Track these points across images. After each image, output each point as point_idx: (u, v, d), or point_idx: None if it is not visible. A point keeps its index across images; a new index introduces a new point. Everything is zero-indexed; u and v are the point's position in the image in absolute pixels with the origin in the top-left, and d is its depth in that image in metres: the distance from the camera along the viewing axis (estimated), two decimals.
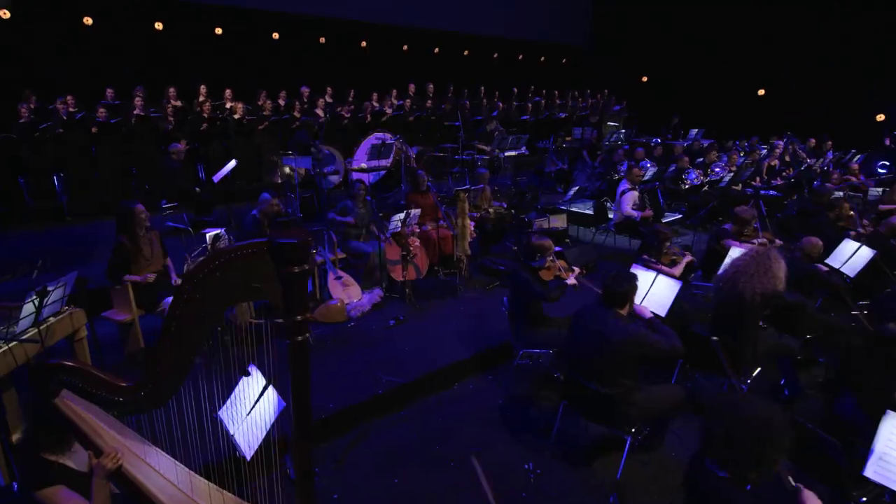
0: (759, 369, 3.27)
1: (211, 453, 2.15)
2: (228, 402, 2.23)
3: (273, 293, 1.59)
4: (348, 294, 4.70)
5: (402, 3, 12.80)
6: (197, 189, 6.84)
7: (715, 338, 2.89)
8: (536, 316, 3.51)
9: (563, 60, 18.20)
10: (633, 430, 2.63)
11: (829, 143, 11.21)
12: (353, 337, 4.21)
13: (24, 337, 2.47)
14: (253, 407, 2.16)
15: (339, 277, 4.77)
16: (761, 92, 15.59)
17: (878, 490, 2.20)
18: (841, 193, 6.85)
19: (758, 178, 9.01)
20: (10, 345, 2.46)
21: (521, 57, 16.76)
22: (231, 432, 2.14)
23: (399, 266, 4.96)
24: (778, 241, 4.44)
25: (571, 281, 3.57)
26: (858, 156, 10.93)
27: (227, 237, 4.13)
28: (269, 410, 2.11)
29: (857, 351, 2.48)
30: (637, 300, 3.31)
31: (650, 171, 7.93)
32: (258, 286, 1.58)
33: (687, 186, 7.65)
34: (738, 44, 14.92)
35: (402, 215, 4.68)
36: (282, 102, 9.21)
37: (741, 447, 1.58)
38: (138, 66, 9.13)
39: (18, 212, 6.88)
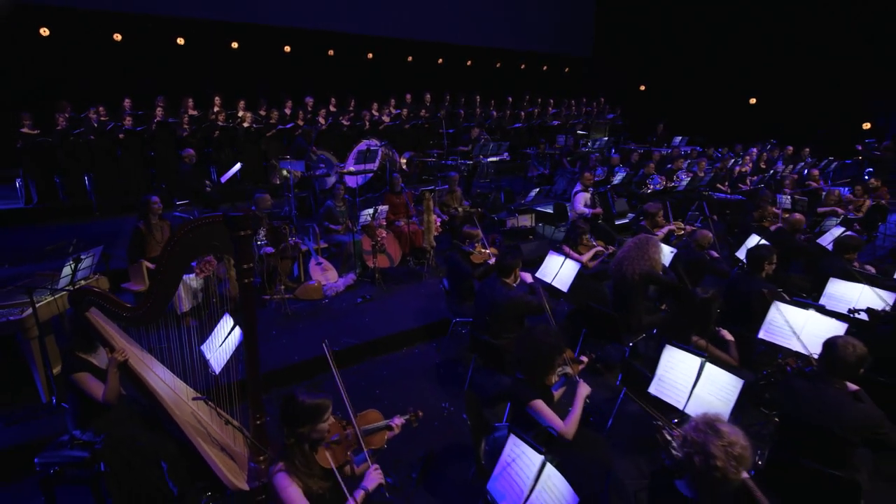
0: (643, 335, 3.99)
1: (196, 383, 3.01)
2: (208, 339, 3.09)
3: (227, 248, 2.41)
4: (326, 277, 5.54)
5: (408, 17, 13.69)
6: (208, 189, 7.77)
7: (531, 297, 3.46)
8: (467, 292, 4.29)
9: (566, 69, 18.89)
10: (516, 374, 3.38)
11: (807, 150, 11.69)
12: (326, 311, 5.04)
13: (63, 291, 3.36)
14: (224, 340, 3.01)
15: (319, 263, 5.61)
16: (753, 101, 16.09)
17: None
18: (788, 197, 7.44)
19: (727, 184, 9.64)
20: (56, 296, 3.36)
21: (522, 66, 17.53)
22: (207, 357, 2.99)
23: (375, 255, 5.79)
24: (688, 228, 5.14)
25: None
26: (834, 163, 11.43)
27: None
28: (233, 341, 2.96)
29: (679, 308, 3.20)
30: (549, 278, 4.10)
31: (619, 175, 8.64)
32: (217, 244, 2.41)
33: (650, 191, 8.31)
34: (733, 54, 15.46)
35: (371, 210, 5.51)
36: (288, 111, 10.12)
37: (529, 358, 2.35)
38: (160, 78, 10.15)
39: (54, 208, 7.89)
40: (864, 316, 3.30)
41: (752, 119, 15.51)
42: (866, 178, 11.51)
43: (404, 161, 10.08)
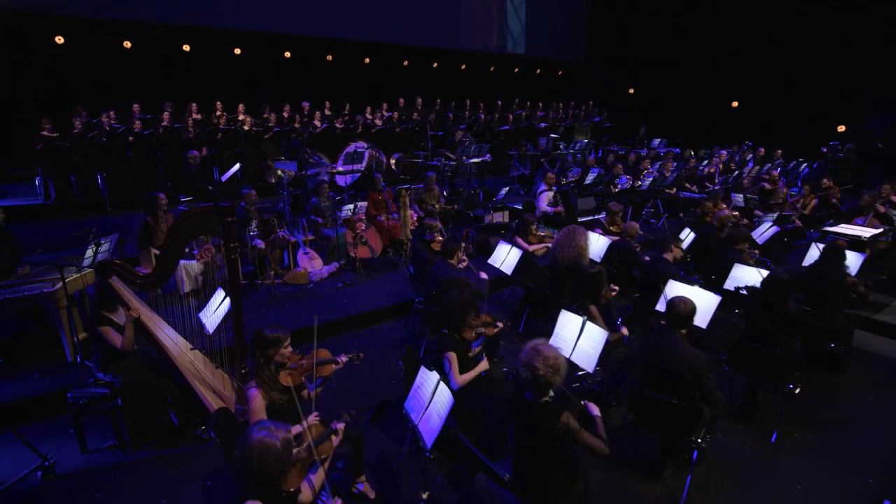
0: None
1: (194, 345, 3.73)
2: (204, 308, 3.80)
3: (218, 231, 3.12)
4: (312, 265, 6.26)
5: (405, 23, 14.37)
6: (210, 187, 8.49)
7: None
8: (427, 274, 4.98)
9: (559, 73, 19.53)
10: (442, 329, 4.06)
11: (779, 151, 12.29)
12: (310, 294, 5.76)
13: (87, 269, 4.10)
14: (217, 308, 3.72)
15: (306, 253, 6.33)
16: (735, 104, 16.67)
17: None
18: (741, 196, 8.08)
19: (694, 183, 10.29)
20: (81, 273, 4.09)
21: (516, 70, 18.19)
22: (203, 322, 3.70)
23: (356, 246, 6.50)
24: (640, 230, 5.78)
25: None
26: (803, 165, 12.03)
27: None
28: (224, 308, 3.67)
29: (577, 281, 3.88)
30: (498, 264, 4.79)
31: (592, 175, 9.31)
32: (210, 228, 3.12)
33: (617, 189, 8.98)
34: (717, 58, 16.01)
35: (351, 206, 6.22)
36: (286, 115, 10.83)
37: (447, 312, 3.04)
38: (167, 83, 10.88)
39: (70, 204, 8.65)
40: (744, 292, 3.97)
41: (733, 122, 16.09)
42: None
43: (393, 161, 10.79)
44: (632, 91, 19.16)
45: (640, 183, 9.17)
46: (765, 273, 4.22)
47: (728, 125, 15.87)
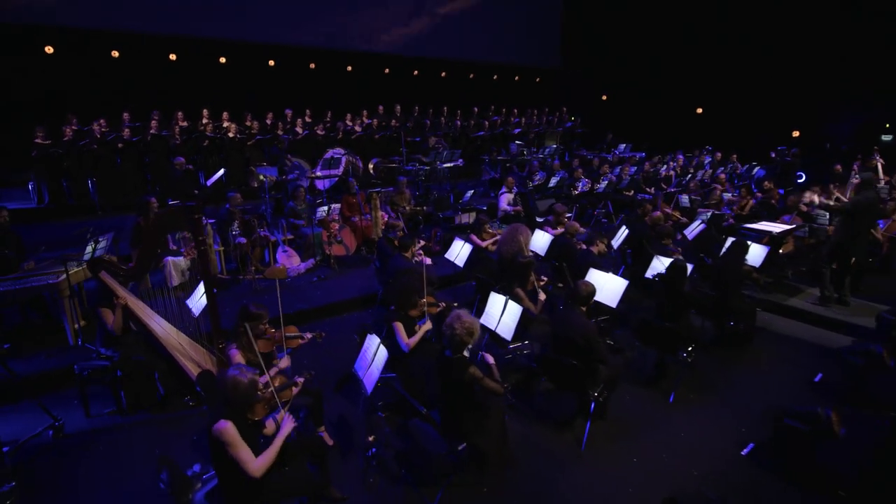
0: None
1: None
2: (190, 297, 4.41)
3: (187, 227, 3.73)
4: (290, 261, 6.87)
5: (387, 33, 15.01)
6: (196, 192, 9.03)
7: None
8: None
9: (537, 80, 20.28)
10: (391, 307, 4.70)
11: (734, 156, 13.13)
12: (287, 287, 6.38)
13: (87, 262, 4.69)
14: (201, 296, 4.32)
15: (285, 251, 6.95)
16: (699, 110, 17.58)
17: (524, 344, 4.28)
18: (686, 197, 8.86)
19: (652, 186, 11.05)
20: (82, 266, 4.68)
21: (495, 77, 18.92)
22: (189, 307, 4.31)
23: (331, 244, 7.13)
24: (581, 228, 6.49)
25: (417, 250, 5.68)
26: (756, 168, 12.88)
27: (208, 222, 6.32)
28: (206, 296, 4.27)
29: (509, 268, 4.57)
30: (452, 257, 5.45)
31: (555, 179, 10.02)
32: (181, 224, 3.74)
33: (577, 192, 9.71)
34: (684, 67, 16.88)
35: (325, 207, 6.84)
36: (269, 122, 11.39)
37: (397, 293, 3.70)
38: (154, 90, 11.37)
39: (62, 208, 9.15)
40: (657, 279, 4.69)
41: (697, 128, 16.94)
42: (799, 181, 13.00)
43: (371, 166, 11.42)
44: (605, 98, 20.03)
45: (598, 186, 9.90)
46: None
47: (693, 131, 16.71)
